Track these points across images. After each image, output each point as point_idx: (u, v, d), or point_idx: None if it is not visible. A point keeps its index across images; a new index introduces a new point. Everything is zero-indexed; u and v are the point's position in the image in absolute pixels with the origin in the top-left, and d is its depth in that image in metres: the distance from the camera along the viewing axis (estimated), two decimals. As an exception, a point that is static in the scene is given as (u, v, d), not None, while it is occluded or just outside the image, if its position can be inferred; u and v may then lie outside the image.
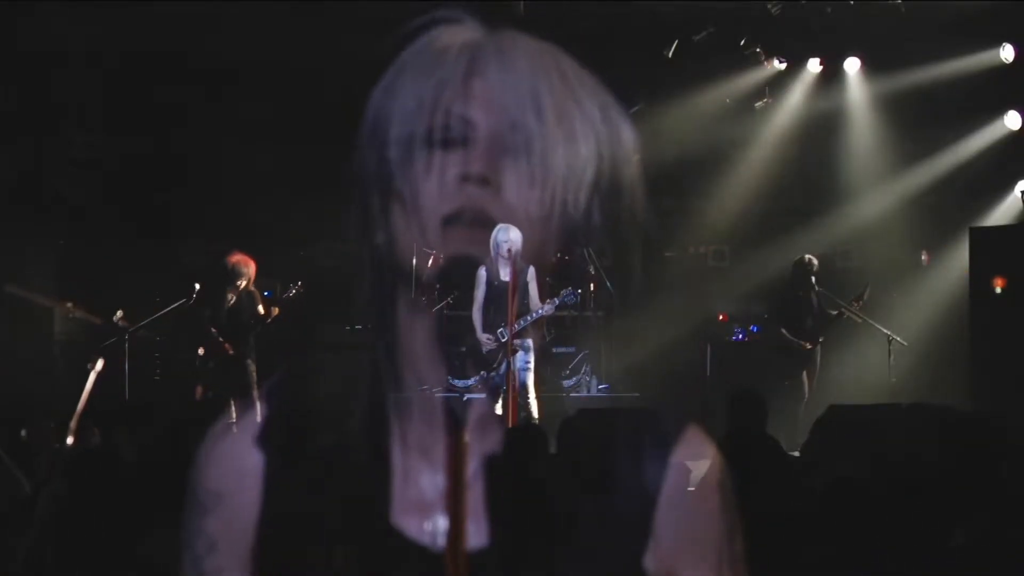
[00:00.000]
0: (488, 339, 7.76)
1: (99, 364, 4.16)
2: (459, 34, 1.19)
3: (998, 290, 8.93)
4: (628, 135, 1.21)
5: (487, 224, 1.13)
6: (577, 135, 1.16)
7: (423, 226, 1.14)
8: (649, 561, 1.15)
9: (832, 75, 11.45)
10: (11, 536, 3.49)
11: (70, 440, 3.79)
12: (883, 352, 9.60)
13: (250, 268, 9.29)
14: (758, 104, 11.58)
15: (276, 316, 9.23)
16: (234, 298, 9.27)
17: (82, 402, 3.95)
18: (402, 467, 1.16)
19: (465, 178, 1.13)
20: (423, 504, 1.14)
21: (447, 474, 1.11)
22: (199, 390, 9.33)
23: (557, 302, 7.82)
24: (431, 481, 1.15)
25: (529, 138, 1.13)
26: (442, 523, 1.12)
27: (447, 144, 1.14)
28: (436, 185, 1.14)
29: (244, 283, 9.27)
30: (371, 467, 1.15)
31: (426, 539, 1.13)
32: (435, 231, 1.14)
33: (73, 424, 3.85)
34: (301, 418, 1.20)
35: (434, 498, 1.14)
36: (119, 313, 9.37)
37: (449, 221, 1.14)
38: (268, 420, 1.20)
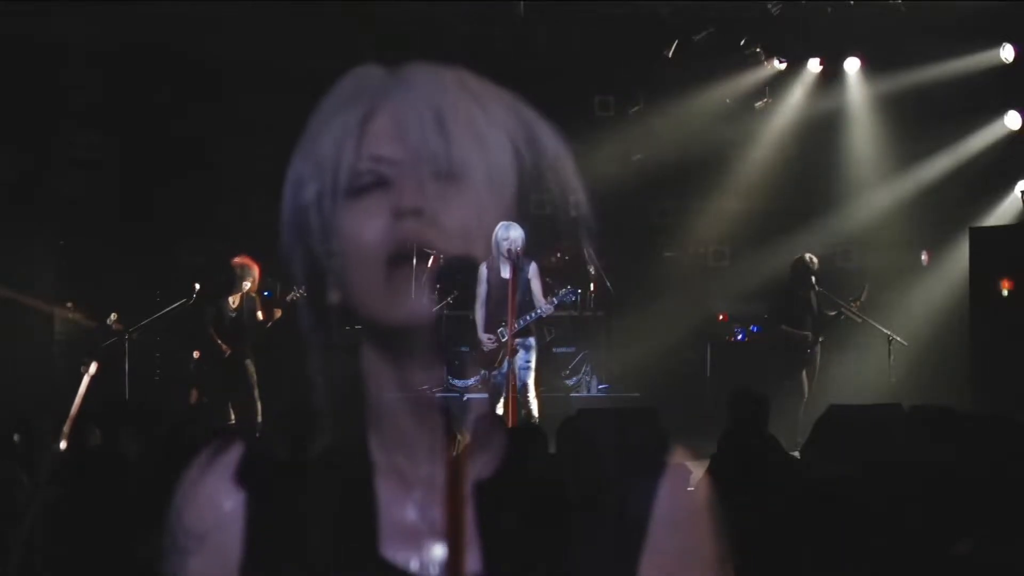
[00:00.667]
0: (489, 339, 7.76)
1: (92, 367, 4.14)
2: (355, 82, 1.19)
3: (1005, 292, 8.92)
4: (546, 133, 1.20)
5: (430, 255, 1.12)
6: (489, 141, 1.15)
7: (369, 274, 1.13)
8: (646, 569, 1.14)
9: (832, 75, 11.46)
10: (7, 538, 3.49)
11: (62, 444, 3.78)
12: (883, 352, 9.60)
13: (254, 271, 9.25)
14: (758, 104, 11.58)
15: (279, 319, 9.21)
16: (237, 302, 9.25)
17: (75, 405, 3.93)
18: (391, 486, 1.15)
19: (399, 214, 1.12)
20: (414, 527, 1.13)
21: (447, 479, 1.10)
22: (194, 394, 9.33)
23: (556, 301, 7.82)
24: (425, 499, 1.14)
25: (443, 156, 1.12)
26: (438, 550, 1.11)
27: (368, 188, 1.13)
28: (371, 230, 1.13)
29: (248, 286, 9.24)
30: (357, 494, 1.14)
31: (416, 563, 1.12)
32: (382, 274, 1.13)
33: (66, 428, 3.83)
34: (283, 446, 1.20)
35: (427, 518, 1.13)
36: (113, 316, 9.36)
37: (394, 261, 1.13)
38: (246, 456, 1.19)
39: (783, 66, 11.41)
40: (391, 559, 1.12)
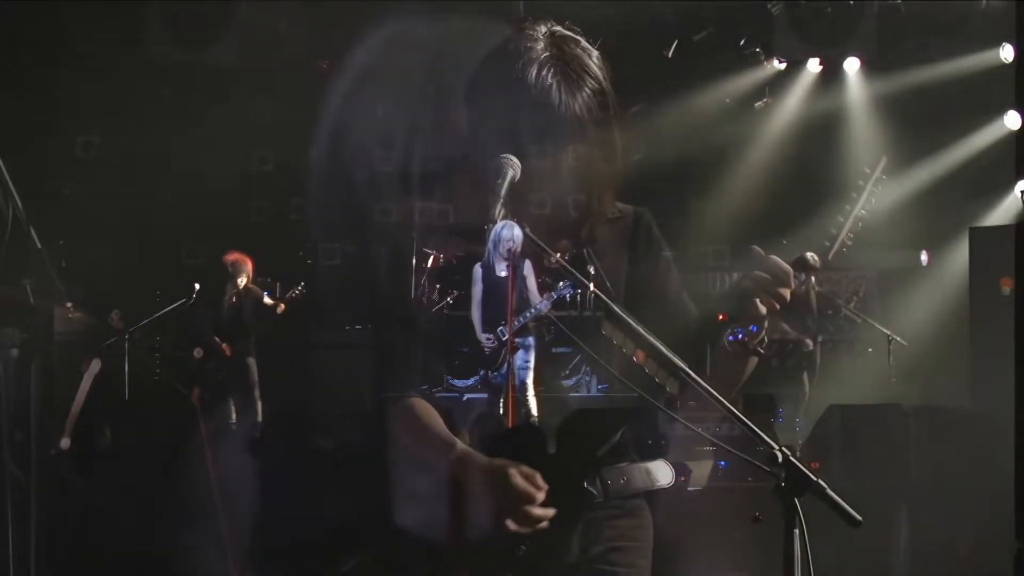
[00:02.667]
0: (488, 339, 7.76)
1: (93, 366, 4.13)
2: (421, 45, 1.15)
3: (1006, 291, 8.91)
4: (617, 129, 1.20)
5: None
6: (561, 165, 1.14)
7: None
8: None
9: (832, 75, 11.45)
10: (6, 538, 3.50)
11: (65, 442, 3.77)
12: (883, 352, 9.60)
13: (247, 266, 9.31)
14: (758, 104, 11.58)
15: (282, 313, 9.25)
16: (235, 298, 9.29)
17: (76, 404, 3.92)
18: (405, 467, 1.16)
19: (456, 233, 1.12)
20: (427, 502, 1.14)
21: (448, 474, 1.11)
22: (196, 392, 9.34)
23: (555, 296, 7.83)
24: (433, 480, 1.15)
25: (511, 172, 1.10)
26: (445, 519, 1.12)
27: (428, 184, 1.10)
28: (425, 229, 1.11)
29: (244, 281, 9.29)
30: (376, 469, 1.15)
31: (430, 536, 1.13)
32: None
33: (68, 426, 3.83)
34: (305, 422, 1.20)
35: (436, 496, 1.14)
36: (115, 314, 9.38)
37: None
38: (271, 426, 1.20)
39: (783, 66, 11.41)
40: (408, 526, 1.12)
